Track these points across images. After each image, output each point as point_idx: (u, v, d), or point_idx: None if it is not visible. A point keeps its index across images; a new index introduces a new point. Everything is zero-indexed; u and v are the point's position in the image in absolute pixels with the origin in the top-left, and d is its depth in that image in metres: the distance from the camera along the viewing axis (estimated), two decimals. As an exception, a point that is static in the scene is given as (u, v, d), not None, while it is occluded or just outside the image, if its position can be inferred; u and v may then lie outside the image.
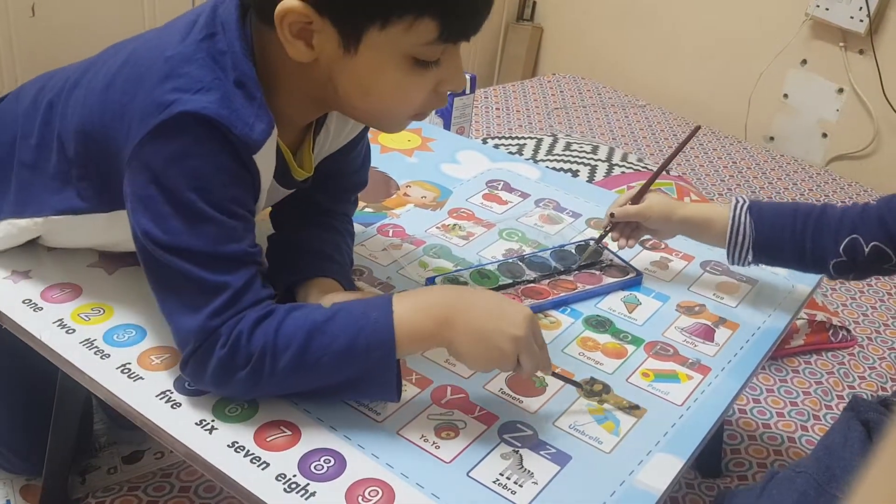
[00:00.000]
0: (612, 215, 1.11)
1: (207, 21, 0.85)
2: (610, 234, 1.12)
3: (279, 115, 0.86)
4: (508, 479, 0.80)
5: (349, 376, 0.82)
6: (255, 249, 0.85)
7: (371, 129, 1.06)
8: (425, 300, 0.83)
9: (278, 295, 0.98)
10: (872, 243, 0.99)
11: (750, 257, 1.05)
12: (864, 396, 1.49)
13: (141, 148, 0.81)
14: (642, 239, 1.21)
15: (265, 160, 0.86)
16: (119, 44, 0.95)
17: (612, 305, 1.07)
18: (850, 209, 1.03)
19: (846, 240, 1.00)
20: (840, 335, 1.67)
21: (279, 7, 0.79)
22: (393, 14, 0.79)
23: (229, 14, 0.85)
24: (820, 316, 1.65)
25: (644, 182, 1.11)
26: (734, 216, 1.05)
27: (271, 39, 0.83)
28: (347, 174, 1.09)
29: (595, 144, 2.15)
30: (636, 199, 1.10)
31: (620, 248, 1.13)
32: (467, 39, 0.85)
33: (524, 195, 1.32)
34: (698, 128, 1.11)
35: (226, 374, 0.81)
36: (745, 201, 1.06)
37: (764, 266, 1.13)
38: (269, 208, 1.11)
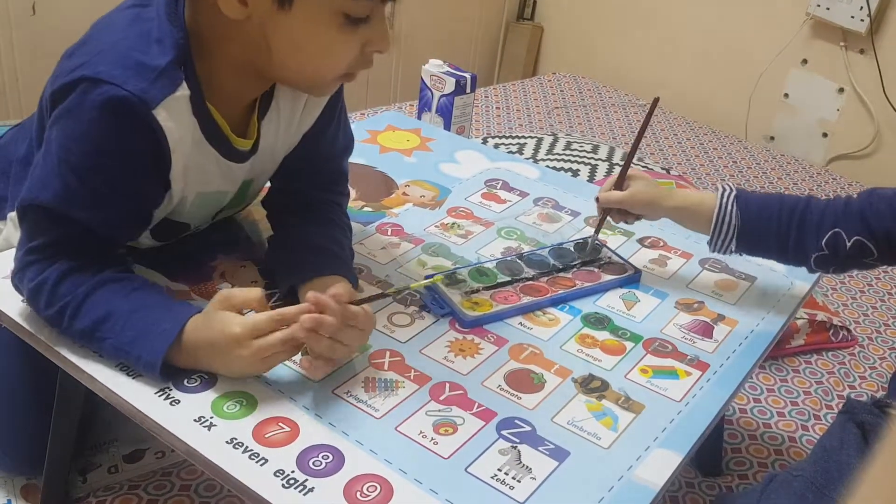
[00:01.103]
0: (597, 199, 1.11)
1: None
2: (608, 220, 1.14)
3: (216, 86, 0.91)
4: (507, 474, 0.80)
5: (125, 362, 0.88)
6: (102, 227, 0.90)
7: (368, 128, 1.07)
8: (192, 336, 0.87)
9: (282, 293, 0.99)
10: (855, 238, 1.00)
11: (733, 246, 1.05)
12: (864, 397, 1.49)
13: (49, 101, 0.88)
14: (641, 238, 1.21)
15: (174, 117, 0.88)
16: None
17: (610, 303, 1.07)
18: (833, 203, 1.04)
19: (828, 234, 1.01)
20: (840, 335, 1.67)
21: None
22: None
23: None
24: (820, 316, 1.65)
25: (624, 165, 1.11)
26: (721, 204, 1.05)
27: (202, 7, 0.88)
28: (323, 160, 1.10)
29: (595, 144, 2.15)
30: (618, 183, 1.10)
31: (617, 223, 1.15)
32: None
33: (523, 194, 1.33)
34: (657, 99, 1.10)
35: (33, 305, 0.91)
36: (732, 190, 1.06)
37: (746, 256, 1.13)
38: (263, 210, 1.12)
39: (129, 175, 0.89)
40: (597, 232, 1.14)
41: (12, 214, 1.02)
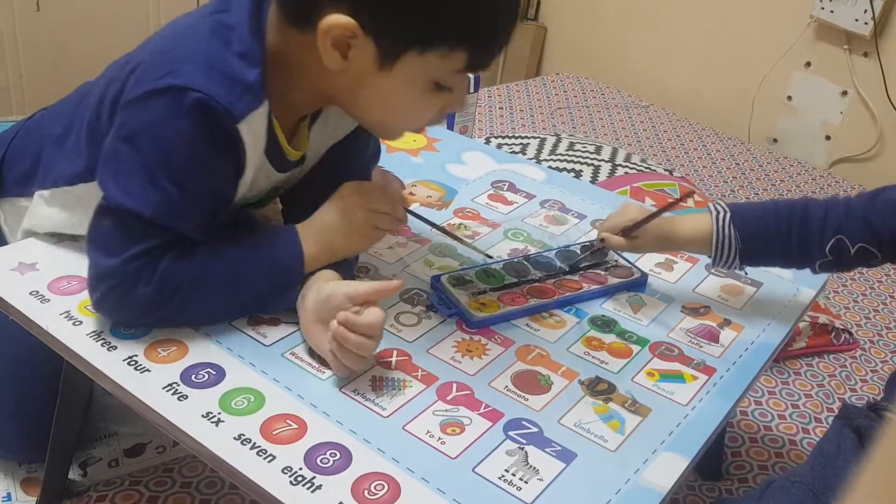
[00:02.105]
0: (601, 241, 1.10)
1: None
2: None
3: (280, 99, 0.91)
4: (514, 475, 0.80)
5: (261, 296, 0.94)
6: (193, 233, 0.91)
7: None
8: (310, 226, 0.95)
9: None
10: (859, 244, 1.00)
11: (737, 264, 1.05)
12: (865, 400, 1.50)
13: (128, 107, 0.88)
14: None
15: (252, 132, 0.89)
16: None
17: (617, 306, 1.07)
18: (833, 207, 1.03)
19: (831, 241, 1.01)
20: (842, 338, 1.67)
21: (328, 20, 0.84)
22: (434, 43, 0.86)
23: None
24: (822, 318, 1.65)
25: (638, 221, 1.06)
26: (718, 229, 1.03)
27: (290, 33, 0.88)
28: (353, 167, 1.10)
29: (598, 145, 2.15)
30: (627, 233, 1.07)
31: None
32: (485, 70, 0.94)
33: (529, 196, 1.33)
34: (690, 193, 1.07)
35: (152, 307, 0.90)
36: (725, 211, 1.04)
37: (748, 268, 1.14)
38: (280, 206, 1.12)
39: (219, 184, 0.91)
40: (594, 251, 1.13)
41: (43, 192, 1.02)
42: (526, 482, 0.79)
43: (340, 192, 0.97)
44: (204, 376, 0.88)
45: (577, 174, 1.96)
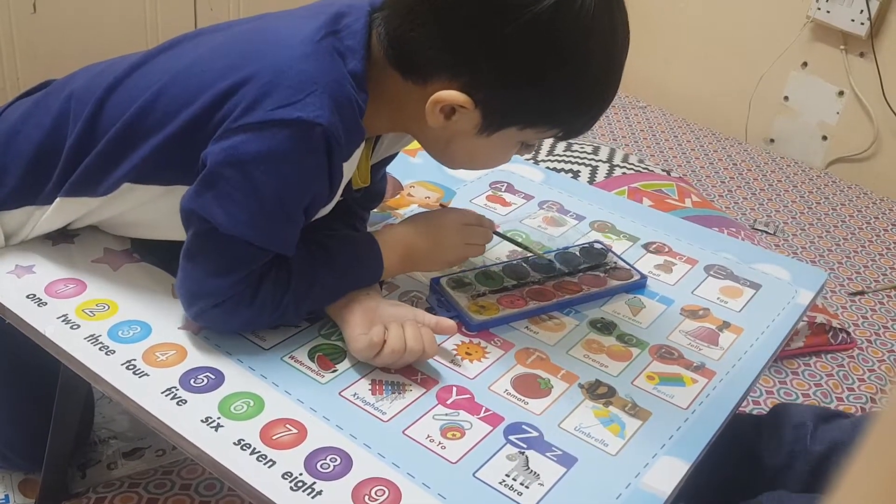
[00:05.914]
0: None
1: (331, 20, 0.89)
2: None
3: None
4: (514, 480, 0.80)
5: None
6: (287, 251, 0.91)
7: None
8: (393, 243, 1.00)
9: None
10: None
11: None
12: (863, 399, 1.50)
13: (242, 132, 0.84)
14: (646, 243, 1.21)
15: (350, 168, 0.91)
16: (201, 31, 0.98)
17: (616, 308, 1.07)
18: None
19: None
20: (840, 337, 1.68)
21: (444, 94, 0.85)
22: (537, 124, 0.90)
23: (357, 22, 0.89)
24: (820, 318, 1.65)
25: None
26: None
27: (391, 73, 0.89)
28: (377, 181, 1.12)
29: (596, 145, 2.15)
30: None
31: None
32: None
33: (528, 197, 1.32)
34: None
35: (257, 318, 0.91)
36: None
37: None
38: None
39: (316, 210, 0.92)
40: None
41: (59, 201, 0.97)
42: (527, 487, 0.79)
43: (436, 216, 1.06)
44: (203, 380, 0.87)
45: (575, 175, 1.96)
